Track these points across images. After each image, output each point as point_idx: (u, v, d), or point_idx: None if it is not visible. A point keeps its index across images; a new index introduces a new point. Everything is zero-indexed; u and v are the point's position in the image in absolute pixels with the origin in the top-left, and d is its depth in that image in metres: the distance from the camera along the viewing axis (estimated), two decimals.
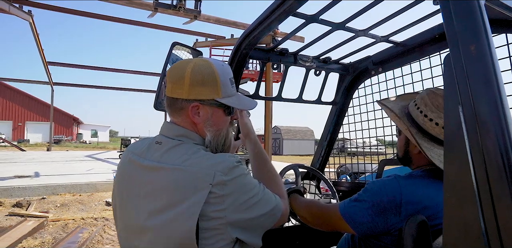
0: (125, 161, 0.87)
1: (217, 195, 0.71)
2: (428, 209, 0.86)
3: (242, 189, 0.75)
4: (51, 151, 19.69)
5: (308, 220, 1.13)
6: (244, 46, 1.34)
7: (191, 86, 0.80)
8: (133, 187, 0.80)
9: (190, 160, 0.75)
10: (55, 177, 7.88)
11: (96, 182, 7.42)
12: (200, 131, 0.86)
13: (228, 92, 0.85)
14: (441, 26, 1.40)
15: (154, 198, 0.74)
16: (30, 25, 9.60)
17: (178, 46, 1.44)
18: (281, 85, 1.77)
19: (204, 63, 0.83)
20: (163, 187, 0.74)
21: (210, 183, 0.70)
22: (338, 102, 1.97)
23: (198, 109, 0.82)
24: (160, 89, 1.41)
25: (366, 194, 0.93)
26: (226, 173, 0.73)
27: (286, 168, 1.60)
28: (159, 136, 0.86)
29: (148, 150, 0.83)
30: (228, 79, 0.85)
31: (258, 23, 1.20)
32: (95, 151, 21.30)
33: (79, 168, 10.34)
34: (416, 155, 1.00)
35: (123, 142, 16.23)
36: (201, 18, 9.27)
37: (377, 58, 1.73)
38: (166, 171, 0.75)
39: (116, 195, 0.87)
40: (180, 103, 0.82)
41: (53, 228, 4.50)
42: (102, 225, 4.72)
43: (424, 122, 0.96)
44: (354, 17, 1.30)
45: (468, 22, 0.56)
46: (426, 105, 0.96)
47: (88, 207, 5.82)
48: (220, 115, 0.86)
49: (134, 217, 0.79)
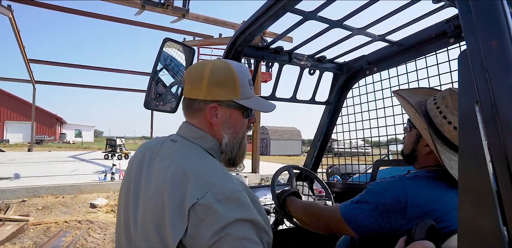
0: (138, 155, 0.85)
1: (196, 216, 0.64)
2: (434, 211, 0.83)
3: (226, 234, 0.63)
4: (33, 151, 19.08)
5: (307, 223, 1.09)
6: (239, 43, 1.29)
7: (209, 86, 0.78)
8: (140, 179, 0.79)
9: (196, 165, 0.72)
10: (36, 179, 7.61)
11: (80, 183, 7.21)
12: (217, 133, 0.83)
13: (247, 94, 0.83)
14: (438, 25, 1.38)
15: (153, 194, 0.72)
16: (10, 21, 9.25)
17: (169, 43, 1.37)
18: (275, 84, 1.73)
19: (223, 64, 0.81)
20: (163, 183, 0.71)
21: (197, 198, 0.65)
22: (331, 102, 1.94)
23: (216, 110, 0.81)
24: (150, 87, 1.35)
25: (369, 195, 0.90)
26: (218, 200, 0.64)
27: (281, 169, 1.56)
28: (175, 135, 0.85)
29: (162, 147, 0.82)
30: (247, 81, 0.83)
31: (255, 19, 1.15)
32: (79, 152, 20.78)
33: (62, 169, 10.03)
34: (424, 155, 0.97)
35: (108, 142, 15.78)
36: (190, 17, 9.16)
37: (372, 58, 1.71)
38: (170, 167, 0.73)
39: (123, 188, 0.85)
40: (198, 104, 0.81)
41: (34, 232, 4.33)
42: (87, 228, 4.57)
43: (441, 124, 0.92)
44: (353, 14, 1.27)
45: (488, 16, 0.53)
46: (447, 106, 0.92)
47: (71, 209, 5.63)
48: (238, 117, 0.84)
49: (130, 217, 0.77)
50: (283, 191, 1.33)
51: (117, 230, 0.84)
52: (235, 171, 10.34)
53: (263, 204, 1.69)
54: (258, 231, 0.66)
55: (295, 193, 1.28)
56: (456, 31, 1.30)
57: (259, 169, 10.45)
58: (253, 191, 1.79)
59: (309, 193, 1.90)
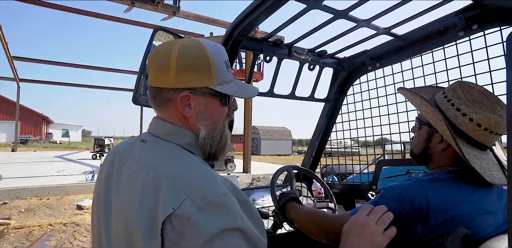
0: (107, 162, 0.75)
1: (174, 230, 0.53)
2: (460, 217, 0.74)
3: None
4: (17, 151, 18.53)
5: (313, 233, 0.99)
6: (237, 33, 1.19)
7: (178, 71, 0.65)
8: (110, 191, 0.68)
9: (170, 167, 0.61)
10: (19, 180, 7.34)
11: (66, 184, 6.99)
12: (193, 126, 0.70)
13: (224, 78, 0.70)
14: (447, 18, 1.31)
15: (123, 208, 0.62)
16: None
17: (160, 33, 1.26)
18: (273, 80, 1.63)
19: (193, 43, 0.68)
20: (133, 193, 0.60)
21: (174, 208, 0.54)
22: (331, 99, 1.86)
23: (188, 100, 0.68)
24: (139, 82, 1.25)
25: (384, 201, 0.80)
26: (200, 207, 0.54)
27: (280, 170, 1.47)
28: (145, 134, 0.74)
29: (132, 149, 0.70)
30: (224, 62, 0.70)
31: (256, 6, 1.05)
32: (66, 152, 20.29)
33: (48, 169, 9.73)
34: (439, 153, 0.89)
35: (96, 142, 15.46)
36: (180, 15, 9.01)
37: (375, 53, 1.64)
38: (140, 173, 0.62)
39: (94, 203, 0.75)
40: (167, 94, 0.68)
41: (15, 236, 4.12)
42: (72, 231, 4.39)
43: (455, 117, 0.84)
44: (359, 4, 1.19)
45: None
46: (459, 98, 0.85)
47: (56, 211, 5.43)
48: (215, 106, 0.71)
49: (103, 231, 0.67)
50: (283, 194, 1.24)
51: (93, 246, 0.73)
52: (226, 171, 10.24)
53: (261, 207, 1.59)
54: (250, 240, 0.56)
55: (295, 198, 1.19)
56: (466, 24, 1.23)
57: (251, 169, 10.36)
58: (250, 193, 1.72)
59: (308, 195, 1.81)
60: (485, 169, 0.80)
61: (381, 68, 1.66)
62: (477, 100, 0.83)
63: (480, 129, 0.82)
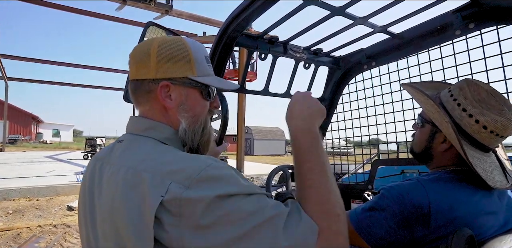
0: (88, 169, 0.72)
1: (171, 214, 0.51)
2: (462, 217, 0.73)
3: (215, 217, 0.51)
4: (5, 151, 18.18)
5: None
6: (232, 29, 1.15)
7: (158, 62, 0.66)
8: (93, 198, 0.66)
9: (147, 161, 0.58)
10: (7, 181, 7.18)
11: (57, 184, 6.87)
12: (174, 119, 0.69)
13: (204, 71, 0.71)
14: (443, 16, 1.30)
15: (108, 213, 0.59)
16: None
17: (152, 28, 1.23)
18: (268, 78, 1.60)
19: (173, 38, 0.71)
20: (114, 195, 0.58)
21: (162, 195, 0.52)
22: (326, 98, 1.84)
23: (169, 91, 0.68)
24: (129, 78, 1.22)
25: (384, 202, 0.78)
26: (187, 186, 0.52)
27: (276, 169, 1.45)
28: (123, 135, 0.73)
29: (111, 152, 0.68)
30: (204, 57, 0.72)
31: (252, 0, 1.02)
32: (56, 152, 19.99)
33: (37, 170, 9.55)
34: (441, 153, 0.87)
35: (88, 142, 15.27)
36: (173, 13, 8.94)
37: (371, 51, 1.62)
38: (119, 173, 0.60)
39: (79, 213, 0.73)
40: (147, 85, 0.68)
41: (2, 239, 4.02)
42: (63, 232, 4.31)
43: (461, 118, 0.82)
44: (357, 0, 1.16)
45: None
46: (466, 98, 0.83)
47: (46, 213, 5.32)
48: (196, 98, 0.71)
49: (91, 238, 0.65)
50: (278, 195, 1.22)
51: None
52: None
53: None
54: (255, 199, 0.54)
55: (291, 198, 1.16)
56: (463, 22, 1.22)
57: (244, 169, 10.33)
58: None
59: None
60: (487, 172, 0.79)
61: (377, 66, 1.65)
62: (484, 101, 0.81)
63: (485, 131, 0.80)
